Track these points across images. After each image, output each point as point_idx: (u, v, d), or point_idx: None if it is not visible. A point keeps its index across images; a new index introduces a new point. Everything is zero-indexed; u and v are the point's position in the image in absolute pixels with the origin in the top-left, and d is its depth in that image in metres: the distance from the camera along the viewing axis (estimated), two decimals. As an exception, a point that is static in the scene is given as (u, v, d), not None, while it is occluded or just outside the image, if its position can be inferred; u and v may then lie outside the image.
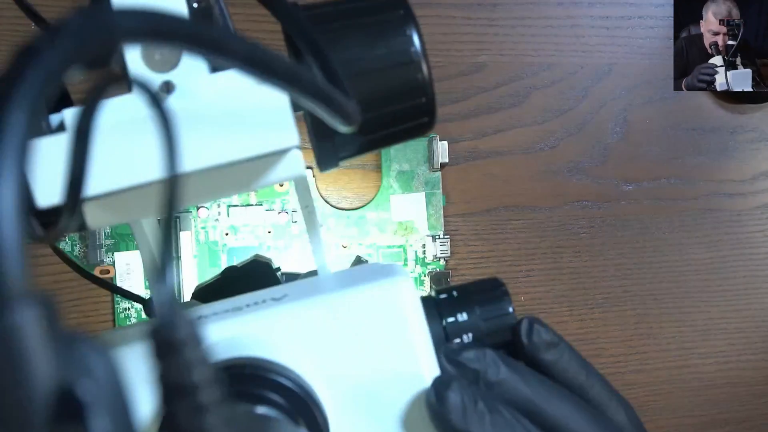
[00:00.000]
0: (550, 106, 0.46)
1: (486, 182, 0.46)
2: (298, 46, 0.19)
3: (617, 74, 0.46)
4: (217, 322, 0.19)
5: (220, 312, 0.20)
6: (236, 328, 0.19)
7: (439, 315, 0.21)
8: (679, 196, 0.46)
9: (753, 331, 0.47)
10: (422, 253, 0.45)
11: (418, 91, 0.20)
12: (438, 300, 0.22)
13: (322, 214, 0.44)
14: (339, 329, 0.19)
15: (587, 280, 0.46)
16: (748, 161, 0.47)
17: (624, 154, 0.46)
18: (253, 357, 0.18)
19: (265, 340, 0.19)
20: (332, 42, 0.20)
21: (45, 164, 0.17)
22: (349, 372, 0.19)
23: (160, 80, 0.18)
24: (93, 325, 0.45)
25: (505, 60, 0.46)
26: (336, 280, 0.22)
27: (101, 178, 0.17)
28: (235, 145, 0.17)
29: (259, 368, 0.18)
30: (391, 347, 0.19)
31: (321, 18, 0.20)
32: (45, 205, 0.17)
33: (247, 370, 0.18)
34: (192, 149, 0.17)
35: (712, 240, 0.47)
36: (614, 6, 0.46)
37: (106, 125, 0.16)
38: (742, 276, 0.47)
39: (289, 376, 0.18)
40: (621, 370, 0.45)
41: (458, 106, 0.46)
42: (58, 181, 0.16)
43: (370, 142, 0.21)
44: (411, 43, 0.20)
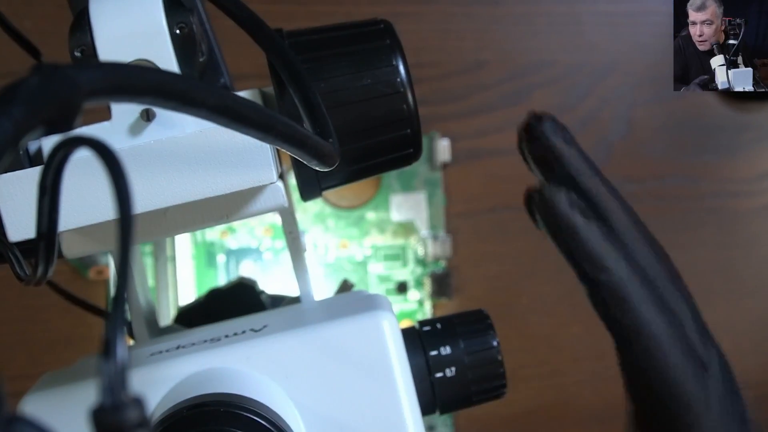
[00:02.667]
0: (553, 104, 0.45)
1: (488, 181, 0.45)
2: (281, 75, 0.18)
3: (620, 72, 0.46)
4: (195, 354, 0.19)
5: (198, 342, 0.20)
6: (213, 361, 0.19)
7: (423, 348, 0.21)
8: (683, 195, 0.46)
9: (759, 333, 0.46)
10: (423, 253, 0.44)
11: (404, 122, 0.20)
12: (421, 332, 0.21)
13: (322, 214, 0.44)
14: (317, 364, 0.19)
15: (590, 281, 0.45)
16: (753, 160, 0.46)
17: (627, 153, 0.46)
18: (229, 393, 0.18)
19: (241, 374, 0.19)
20: (316, 71, 0.19)
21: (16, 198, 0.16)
22: (327, 408, 0.19)
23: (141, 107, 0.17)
24: (87, 327, 0.44)
25: (506, 57, 0.45)
26: (318, 310, 0.22)
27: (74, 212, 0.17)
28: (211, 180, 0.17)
29: (233, 405, 0.17)
30: (370, 383, 0.19)
31: (305, 46, 0.20)
32: (17, 239, 0.16)
33: (222, 407, 0.17)
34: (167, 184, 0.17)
35: (717, 240, 0.46)
36: (618, 3, 0.46)
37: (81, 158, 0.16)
38: (748, 276, 0.46)
39: (265, 414, 0.17)
40: (624, 371, 0.45)
41: (459, 104, 0.45)
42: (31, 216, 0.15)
43: (354, 173, 0.21)
44: (396, 74, 0.20)
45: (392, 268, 0.44)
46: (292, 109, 0.19)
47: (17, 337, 0.44)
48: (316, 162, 0.16)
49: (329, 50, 0.20)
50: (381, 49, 0.20)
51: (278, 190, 0.19)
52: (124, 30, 0.18)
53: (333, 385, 0.19)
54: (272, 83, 0.19)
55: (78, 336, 0.44)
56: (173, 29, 0.18)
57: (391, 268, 0.44)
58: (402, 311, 0.44)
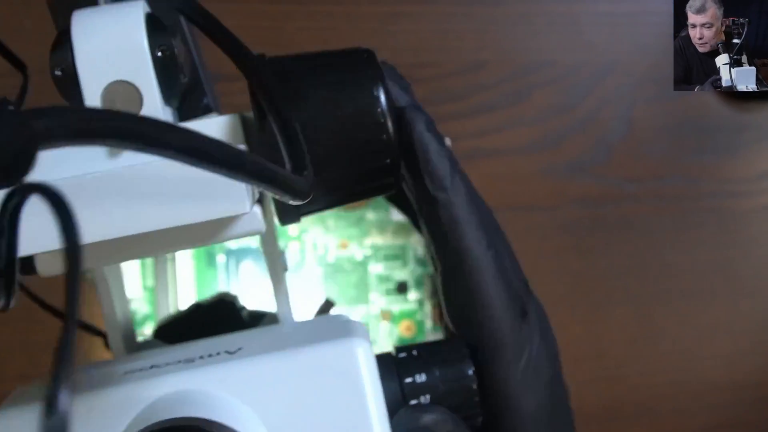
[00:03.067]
0: (552, 104, 0.45)
1: (487, 181, 0.45)
2: (261, 102, 0.18)
3: (620, 72, 0.46)
4: (167, 375, 0.19)
5: (172, 363, 0.20)
6: (186, 383, 0.19)
7: (398, 374, 0.21)
8: (683, 195, 0.46)
9: (758, 333, 0.46)
10: (423, 253, 0.44)
11: (383, 152, 0.20)
12: (397, 359, 0.21)
13: (323, 215, 0.44)
14: (290, 389, 0.19)
15: (589, 281, 0.45)
16: (753, 160, 0.46)
17: (627, 153, 0.46)
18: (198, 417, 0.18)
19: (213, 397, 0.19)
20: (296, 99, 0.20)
21: None
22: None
23: None
24: (88, 326, 0.44)
25: (506, 57, 0.45)
26: (294, 334, 0.21)
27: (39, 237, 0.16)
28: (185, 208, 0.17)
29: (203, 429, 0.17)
30: (343, 410, 0.19)
31: (287, 73, 0.20)
32: None
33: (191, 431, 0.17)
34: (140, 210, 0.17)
35: (717, 240, 0.46)
36: (618, 2, 0.46)
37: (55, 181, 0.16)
38: (748, 276, 0.46)
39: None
40: (624, 372, 0.45)
41: (458, 105, 0.45)
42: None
43: (334, 200, 0.21)
44: (377, 104, 0.20)
45: (392, 268, 0.44)
46: (270, 138, 0.19)
47: (17, 338, 0.44)
48: (288, 197, 0.16)
49: (310, 79, 0.20)
50: (363, 79, 0.20)
51: (255, 217, 0.19)
52: (105, 50, 0.18)
53: (306, 411, 0.19)
54: (252, 109, 0.20)
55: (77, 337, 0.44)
56: (155, 51, 0.18)
57: (391, 268, 0.44)
58: (402, 311, 0.44)
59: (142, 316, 0.44)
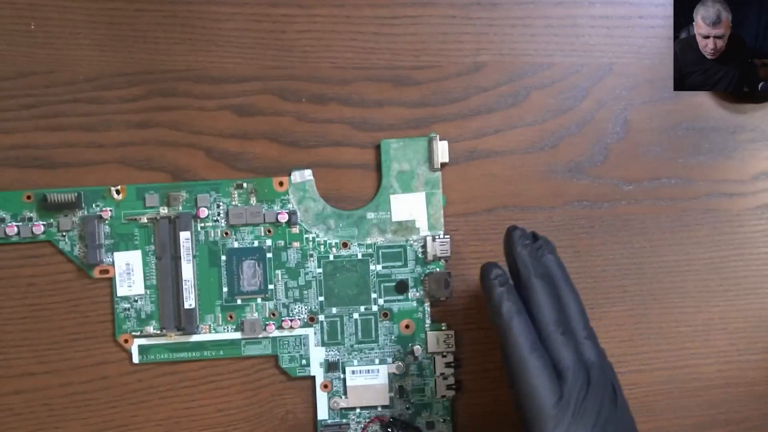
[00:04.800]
0: (550, 106, 0.46)
1: (486, 182, 0.46)
2: None
3: (617, 74, 0.46)
4: None
5: None
6: None
7: None
8: (679, 195, 0.46)
9: (754, 331, 0.46)
10: (422, 253, 0.45)
11: None
12: None
13: (323, 214, 0.45)
14: None
15: (587, 281, 0.46)
16: (749, 161, 0.47)
17: (624, 154, 0.46)
18: None
19: None
20: None
21: None
22: None
23: None
24: (92, 325, 0.45)
25: (504, 60, 0.46)
26: None
27: None
28: None
29: None
30: None
31: None
32: None
33: None
34: None
35: (713, 240, 0.46)
36: (614, 5, 0.46)
37: None
38: (743, 276, 0.46)
39: None
40: (621, 370, 0.45)
41: (458, 106, 0.46)
42: None
43: None
44: None
45: (392, 268, 0.45)
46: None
47: (22, 336, 0.44)
48: None
49: None
50: None
51: None
52: None
53: None
54: None
55: (83, 335, 0.45)
56: None
57: (391, 268, 0.45)
58: (402, 310, 0.45)
59: (145, 315, 0.44)
